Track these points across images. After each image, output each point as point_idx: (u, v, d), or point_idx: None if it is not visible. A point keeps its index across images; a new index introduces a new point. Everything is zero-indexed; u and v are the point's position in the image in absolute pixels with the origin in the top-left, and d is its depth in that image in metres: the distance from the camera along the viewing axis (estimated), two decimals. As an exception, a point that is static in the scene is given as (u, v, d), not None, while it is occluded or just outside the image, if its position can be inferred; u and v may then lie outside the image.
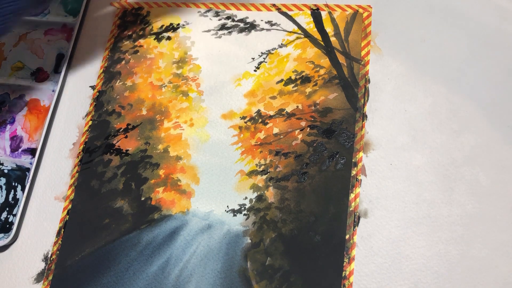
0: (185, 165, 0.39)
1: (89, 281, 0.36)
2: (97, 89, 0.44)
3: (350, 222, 0.35)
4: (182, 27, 0.45)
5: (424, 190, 0.36)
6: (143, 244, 0.37)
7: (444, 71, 0.39)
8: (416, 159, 0.36)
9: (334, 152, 0.37)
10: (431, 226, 0.34)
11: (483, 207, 0.34)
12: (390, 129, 0.38)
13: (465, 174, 0.36)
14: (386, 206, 0.35)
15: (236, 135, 0.40)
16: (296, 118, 0.39)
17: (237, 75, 0.42)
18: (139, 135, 0.41)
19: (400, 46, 0.40)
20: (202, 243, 0.36)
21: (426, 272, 0.33)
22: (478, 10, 0.41)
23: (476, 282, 0.33)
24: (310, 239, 0.35)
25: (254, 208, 0.37)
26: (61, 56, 0.47)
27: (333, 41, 0.41)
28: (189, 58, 0.43)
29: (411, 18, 0.41)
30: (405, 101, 0.38)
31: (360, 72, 0.40)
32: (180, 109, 0.41)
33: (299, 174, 0.37)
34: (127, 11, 0.47)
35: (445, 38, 0.40)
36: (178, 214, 0.38)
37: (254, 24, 0.44)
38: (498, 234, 0.34)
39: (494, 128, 0.37)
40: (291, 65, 0.41)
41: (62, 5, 0.49)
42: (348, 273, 0.34)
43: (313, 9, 0.43)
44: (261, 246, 0.36)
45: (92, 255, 0.37)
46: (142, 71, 0.44)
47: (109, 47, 0.45)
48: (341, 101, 0.39)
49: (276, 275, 0.35)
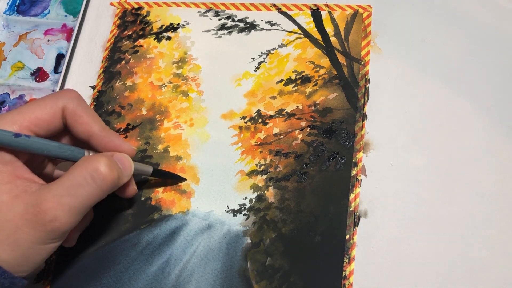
0: (185, 165, 0.39)
1: (89, 281, 0.36)
2: (97, 89, 0.44)
3: (350, 222, 0.35)
4: (182, 27, 0.45)
5: (424, 190, 0.36)
6: (143, 244, 0.37)
7: (444, 71, 0.39)
8: (416, 159, 0.36)
9: (334, 152, 0.37)
10: (431, 226, 0.34)
11: (483, 207, 0.34)
12: (390, 129, 0.38)
13: (465, 174, 0.36)
14: (386, 206, 0.35)
15: (236, 135, 0.40)
16: (296, 118, 0.39)
17: (237, 75, 0.42)
18: (139, 135, 0.41)
19: (400, 46, 0.40)
20: (202, 243, 0.36)
21: (426, 272, 0.33)
22: (478, 10, 0.41)
23: (476, 282, 0.33)
24: (310, 239, 0.35)
25: (254, 208, 0.37)
26: (61, 56, 0.47)
27: (333, 41, 0.41)
28: (189, 58, 0.43)
29: (411, 18, 0.41)
30: (405, 101, 0.38)
31: (360, 72, 0.40)
32: (180, 109, 0.41)
33: (299, 174, 0.37)
34: (127, 11, 0.47)
35: (445, 38, 0.40)
36: (178, 214, 0.38)
37: (254, 24, 0.44)
38: (498, 234, 0.34)
39: (494, 128, 0.37)
40: (291, 65, 0.41)
41: (62, 5, 0.49)
42: (348, 273, 0.34)
43: (313, 9, 0.43)
44: (261, 246, 0.36)
45: (92, 255, 0.37)
46: (142, 71, 0.44)
47: (109, 47, 0.45)
48: (341, 101, 0.39)
49: (276, 275, 0.35)
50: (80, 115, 0.32)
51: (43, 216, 0.28)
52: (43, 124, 0.31)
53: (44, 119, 0.31)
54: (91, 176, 0.29)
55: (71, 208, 0.29)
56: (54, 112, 0.32)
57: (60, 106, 0.32)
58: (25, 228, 0.28)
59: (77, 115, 0.32)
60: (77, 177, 0.29)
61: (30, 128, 0.31)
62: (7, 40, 0.48)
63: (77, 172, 0.29)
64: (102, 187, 0.30)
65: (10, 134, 0.29)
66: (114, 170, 0.31)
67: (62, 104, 0.32)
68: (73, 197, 0.29)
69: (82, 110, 0.32)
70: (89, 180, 0.29)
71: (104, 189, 0.30)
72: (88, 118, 0.32)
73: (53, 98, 0.32)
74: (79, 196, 0.29)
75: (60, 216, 0.28)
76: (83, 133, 0.32)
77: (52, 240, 0.29)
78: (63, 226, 0.29)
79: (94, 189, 0.29)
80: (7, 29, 0.49)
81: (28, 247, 0.28)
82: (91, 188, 0.29)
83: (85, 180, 0.29)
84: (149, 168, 0.36)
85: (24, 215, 0.28)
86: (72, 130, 0.32)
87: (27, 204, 0.28)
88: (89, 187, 0.29)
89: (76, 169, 0.29)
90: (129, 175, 0.33)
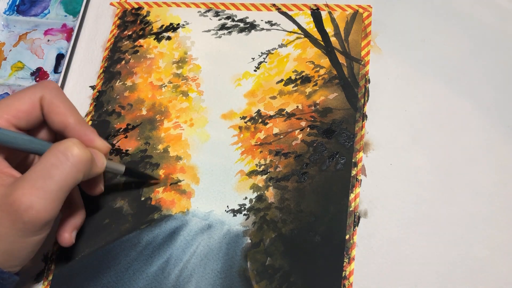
0: (185, 165, 0.39)
1: (89, 281, 0.36)
2: (97, 89, 0.44)
3: (350, 222, 0.35)
4: (182, 27, 0.45)
5: (424, 190, 0.35)
6: (143, 244, 0.37)
7: (444, 71, 0.39)
8: (416, 159, 0.36)
9: (334, 152, 0.37)
10: (431, 226, 0.34)
11: (483, 207, 0.34)
12: (390, 129, 0.38)
13: (465, 174, 0.36)
14: (386, 206, 0.35)
15: (236, 135, 0.40)
16: (296, 118, 0.39)
17: (237, 75, 0.42)
18: (139, 135, 0.41)
19: (400, 46, 0.40)
20: (202, 243, 0.36)
21: (426, 272, 0.33)
22: (478, 10, 0.41)
23: (476, 282, 0.33)
24: (310, 239, 0.35)
25: (254, 208, 0.37)
26: (61, 56, 0.47)
27: (333, 41, 0.41)
28: (189, 58, 0.43)
29: (411, 18, 0.41)
30: (405, 101, 0.38)
31: (360, 72, 0.40)
32: (180, 109, 0.41)
33: (299, 174, 0.37)
34: (127, 11, 0.47)
35: (445, 38, 0.40)
36: (178, 214, 0.38)
37: (254, 24, 0.44)
38: (498, 234, 0.34)
39: (494, 128, 0.37)
40: (291, 65, 0.41)
41: (62, 5, 0.49)
42: (348, 273, 0.34)
43: (313, 9, 0.43)
44: (261, 246, 0.36)
45: (92, 255, 0.37)
46: (142, 71, 0.44)
47: (109, 47, 0.45)
48: (341, 101, 0.39)
49: (276, 275, 0.35)
50: (57, 105, 0.31)
51: (18, 205, 0.27)
52: (23, 115, 0.31)
53: (23, 110, 0.31)
54: (63, 154, 0.28)
55: (46, 192, 0.27)
56: (33, 102, 0.31)
57: (38, 96, 0.31)
58: (3, 221, 0.27)
59: (54, 105, 0.31)
60: (50, 158, 0.28)
61: (10, 121, 0.30)
62: (7, 40, 0.48)
63: (49, 153, 0.28)
64: (77, 166, 0.28)
65: None
66: (87, 151, 0.29)
67: (40, 94, 0.31)
68: (46, 179, 0.27)
69: (59, 101, 0.32)
70: (61, 159, 0.28)
71: (79, 168, 0.29)
72: (64, 109, 0.31)
73: (32, 89, 0.32)
74: (53, 177, 0.27)
75: (35, 202, 0.27)
76: (58, 123, 0.31)
77: (34, 233, 0.28)
78: (40, 214, 0.27)
79: (68, 167, 0.28)
80: (7, 29, 0.49)
81: (10, 242, 0.27)
82: (65, 166, 0.28)
83: (57, 159, 0.28)
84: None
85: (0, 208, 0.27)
86: (48, 120, 0.32)
87: (1, 196, 0.27)
88: (63, 166, 0.28)
89: (48, 152, 0.28)
90: (101, 167, 0.32)
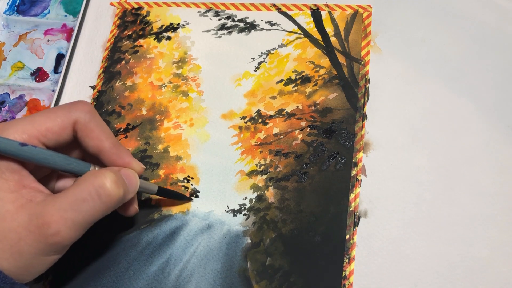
0: (185, 165, 0.39)
1: (89, 281, 0.36)
2: (97, 89, 0.44)
3: (350, 222, 0.35)
4: (182, 27, 0.45)
5: (424, 190, 0.36)
6: (143, 244, 0.37)
7: (444, 71, 0.39)
8: (416, 159, 0.36)
9: (334, 152, 0.37)
10: (431, 226, 0.34)
11: (483, 207, 0.34)
12: (390, 129, 0.38)
13: (465, 174, 0.36)
14: (386, 206, 0.35)
15: (236, 135, 0.40)
16: (296, 118, 0.39)
17: (237, 75, 0.42)
18: (139, 135, 0.41)
19: (400, 46, 0.40)
20: (202, 243, 0.36)
21: (426, 272, 0.33)
22: (478, 10, 0.41)
23: (476, 282, 0.33)
24: (310, 239, 0.35)
25: (254, 208, 0.37)
26: (61, 56, 0.47)
27: (333, 41, 0.41)
28: (189, 58, 0.43)
29: (411, 18, 0.41)
30: (405, 101, 0.38)
31: (360, 72, 0.40)
32: (180, 109, 0.41)
33: (299, 174, 0.37)
34: (127, 11, 0.47)
35: (445, 38, 0.40)
36: (178, 214, 0.38)
37: (254, 24, 0.44)
38: (498, 234, 0.34)
39: (494, 128, 0.37)
40: (291, 65, 0.41)
41: (62, 5, 0.49)
42: (348, 273, 0.34)
43: (313, 9, 0.43)
44: (261, 246, 0.36)
45: (92, 255, 0.37)
46: (142, 71, 0.44)
47: (109, 47, 0.45)
48: (341, 101, 0.39)
49: (276, 275, 0.35)
50: (91, 130, 0.31)
51: (46, 229, 0.28)
52: (53, 136, 0.31)
53: (54, 131, 0.31)
54: (97, 192, 0.29)
55: (74, 223, 0.28)
56: (65, 125, 0.31)
57: (72, 119, 0.31)
58: (28, 239, 0.28)
59: (89, 129, 0.31)
60: (82, 191, 0.29)
61: (39, 139, 0.30)
62: (7, 40, 0.48)
63: (83, 187, 0.29)
64: (107, 204, 0.29)
65: (16, 143, 0.28)
66: (120, 186, 0.30)
67: (74, 117, 0.31)
68: (76, 212, 0.28)
69: (94, 125, 0.31)
70: (94, 196, 0.29)
71: (108, 206, 0.30)
72: (99, 133, 0.32)
73: (66, 110, 0.31)
74: (83, 212, 0.28)
75: (63, 230, 0.28)
76: (93, 148, 0.32)
77: (54, 253, 0.29)
78: (64, 240, 0.28)
79: (98, 205, 0.29)
80: (7, 29, 0.49)
81: (30, 258, 0.28)
82: (95, 204, 0.29)
83: (90, 195, 0.29)
84: (154, 186, 0.35)
85: (27, 226, 0.28)
86: (83, 143, 0.32)
87: (31, 215, 0.28)
88: (94, 203, 0.29)
89: (82, 183, 0.29)
90: (134, 192, 0.32)
